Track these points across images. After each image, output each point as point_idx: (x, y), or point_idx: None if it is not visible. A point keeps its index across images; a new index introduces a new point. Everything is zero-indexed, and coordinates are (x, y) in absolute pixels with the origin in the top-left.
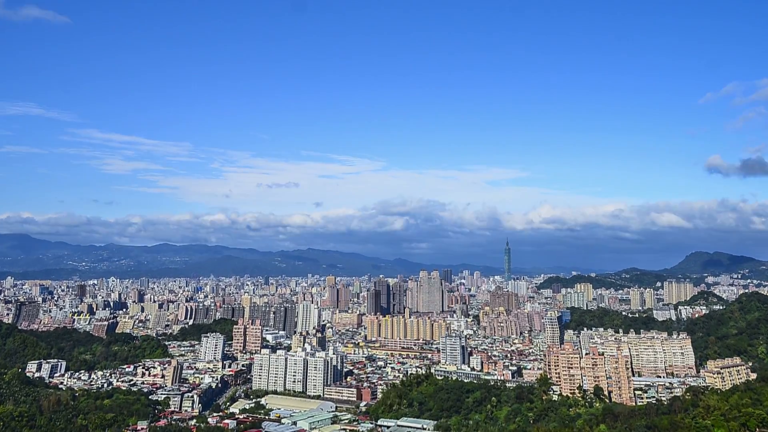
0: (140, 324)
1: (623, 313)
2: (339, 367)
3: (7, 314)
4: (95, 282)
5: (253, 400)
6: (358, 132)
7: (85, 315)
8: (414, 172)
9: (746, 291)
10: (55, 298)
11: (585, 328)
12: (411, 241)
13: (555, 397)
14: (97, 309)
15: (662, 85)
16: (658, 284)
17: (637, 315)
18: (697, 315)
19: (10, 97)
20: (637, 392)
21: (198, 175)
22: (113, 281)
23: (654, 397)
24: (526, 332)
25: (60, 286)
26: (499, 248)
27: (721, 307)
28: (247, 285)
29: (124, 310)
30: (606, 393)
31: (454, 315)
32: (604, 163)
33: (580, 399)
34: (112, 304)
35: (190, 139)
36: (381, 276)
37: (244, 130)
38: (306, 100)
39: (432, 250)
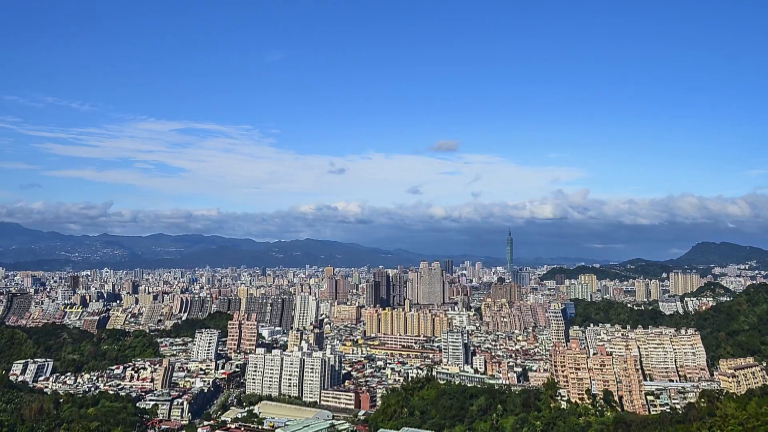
0: (132, 319)
1: (628, 305)
2: (337, 368)
3: None
4: (88, 273)
5: (246, 409)
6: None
7: (77, 308)
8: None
9: (754, 282)
10: (48, 290)
11: (591, 324)
12: (413, 231)
13: (563, 405)
14: (90, 301)
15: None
16: (664, 275)
17: (642, 307)
18: (704, 307)
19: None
20: (649, 398)
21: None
22: (107, 272)
23: (667, 404)
24: (531, 328)
25: (53, 277)
26: (502, 238)
27: (728, 299)
28: (243, 276)
29: (118, 301)
30: (616, 399)
31: (456, 307)
32: (609, 155)
33: (589, 407)
34: (105, 295)
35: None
36: (381, 267)
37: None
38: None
39: (433, 241)
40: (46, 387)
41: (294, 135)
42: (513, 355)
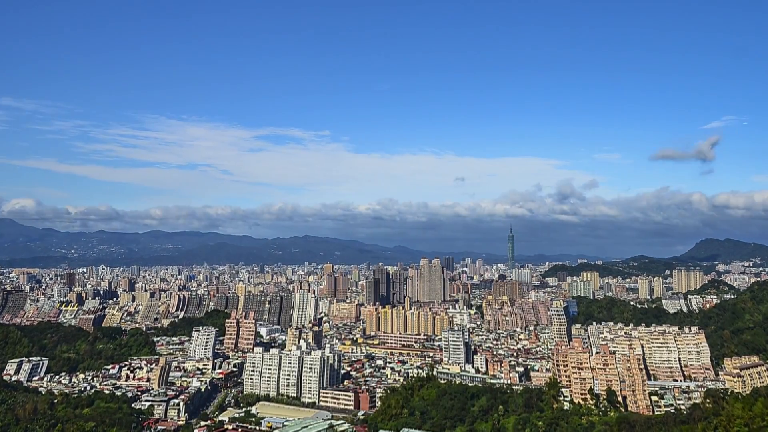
0: (128, 317)
1: (631, 302)
2: (336, 367)
3: None
4: (85, 270)
5: (244, 409)
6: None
7: (73, 306)
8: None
9: (758, 279)
10: (43, 287)
11: (593, 322)
12: (412, 227)
13: (566, 405)
14: (86, 298)
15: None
16: (667, 272)
17: (645, 305)
18: (708, 305)
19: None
20: (653, 398)
21: None
22: (103, 269)
23: (672, 405)
24: (532, 326)
25: (48, 275)
26: (502, 236)
27: (732, 296)
28: (241, 273)
29: (115, 299)
30: (620, 398)
31: (456, 305)
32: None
33: (592, 407)
34: (101, 293)
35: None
36: (380, 264)
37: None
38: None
39: (433, 238)
40: (41, 386)
41: (362, 139)
42: (515, 354)
